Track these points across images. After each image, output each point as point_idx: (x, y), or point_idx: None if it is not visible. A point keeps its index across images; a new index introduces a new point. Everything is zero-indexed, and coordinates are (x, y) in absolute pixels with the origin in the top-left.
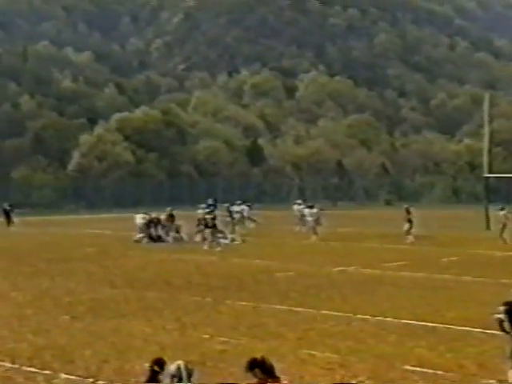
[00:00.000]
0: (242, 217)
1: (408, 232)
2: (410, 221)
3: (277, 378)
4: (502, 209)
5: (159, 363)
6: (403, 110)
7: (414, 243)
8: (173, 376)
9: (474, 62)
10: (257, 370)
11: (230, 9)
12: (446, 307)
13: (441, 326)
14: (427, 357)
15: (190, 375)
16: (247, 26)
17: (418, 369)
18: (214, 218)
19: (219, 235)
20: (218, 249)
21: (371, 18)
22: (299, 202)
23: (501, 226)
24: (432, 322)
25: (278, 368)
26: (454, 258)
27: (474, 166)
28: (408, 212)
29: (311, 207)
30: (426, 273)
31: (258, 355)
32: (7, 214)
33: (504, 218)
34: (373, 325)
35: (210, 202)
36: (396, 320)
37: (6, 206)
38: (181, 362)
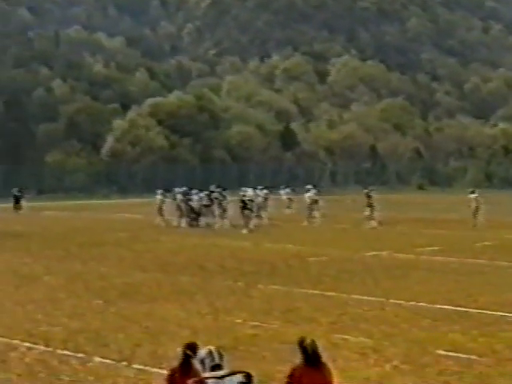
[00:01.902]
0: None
1: (370, 217)
2: (370, 205)
3: (320, 366)
4: (472, 192)
5: (192, 347)
6: (437, 95)
7: (376, 228)
8: (203, 360)
9: (508, 45)
10: (300, 350)
11: None
12: (480, 292)
13: (474, 310)
14: (461, 341)
15: (221, 359)
16: (276, 10)
17: (451, 353)
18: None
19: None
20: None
21: (401, 1)
22: (309, 187)
23: (473, 209)
24: (465, 307)
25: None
26: (488, 243)
27: (508, 150)
28: (368, 197)
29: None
30: (459, 257)
31: (309, 339)
32: (16, 199)
33: (475, 201)
34: (406, 309)
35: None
36: (429, 305)
37: (15, 191)
38: (212, 347)
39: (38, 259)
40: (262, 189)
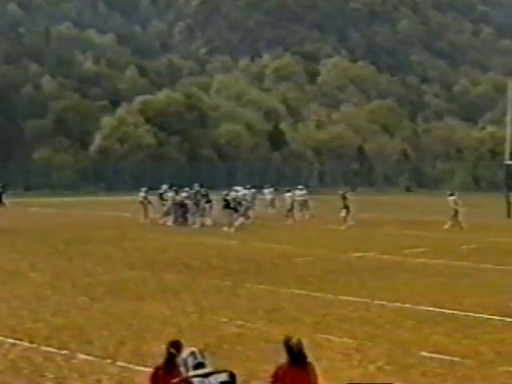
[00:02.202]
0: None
1: (345, 218)
2: (346, 207)
3: (304, 365)
4: (451, 194)
5: (176, 345)
6: (426, 96)
7: (352, 226)
8: (185, 361)
9: (497, 48)
10: (285, 349)
11: None
12: (465, 294)
13: (459, 312)
14: (444, 343)
15: (203, 358)
16: (267, 9)
17: (434, 355)
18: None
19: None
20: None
21: (392, 2)
22: (300, 187)
23: (452, 212)
24: (450, 309)
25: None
26: (474, 246)
27: (495, 154)
28: (344, 198)
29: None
30: (445, 260)
31: (294, 338)
32: None
33: (453, 203)
34: (391, 311)
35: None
36: (414, 306)
37: None
38: (194, 348)
39: (24, 255)
40: (249, 188)
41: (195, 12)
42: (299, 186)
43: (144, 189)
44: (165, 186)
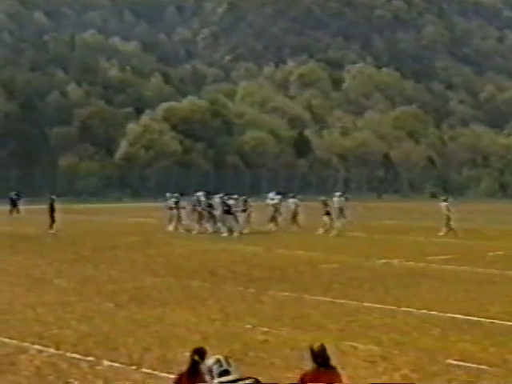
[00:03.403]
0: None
1: (331, 225)
2: (328, 213)
3: (329, 369)
4: (444, 200)
5: (200, 353)
6: (451, 103)
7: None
8: (210, 369)
9: None
10: (311, 359)
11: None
12: (491, 301)
13: (485, 320)
14: (471, 351)
15: (229, 366)
16: (292, 16)
17: (461, 363)
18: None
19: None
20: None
21: (417, 9)
22: (338, 194)
23: (445, 218)
24: (476, 317)
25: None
26: (500, 253)
27: None
28: (325, 205)
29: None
30: (471, 267)
31: (317, 344)
32: (13, 203)
33: (446, 209)
34: (417, 318)
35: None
36: (440, 314)
37: (12, 194)
38: (220, 356)
39: (49, 262)
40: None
41: (220, 19)
42: (336, 193)
43: (175, 195)
44: (200, 193)
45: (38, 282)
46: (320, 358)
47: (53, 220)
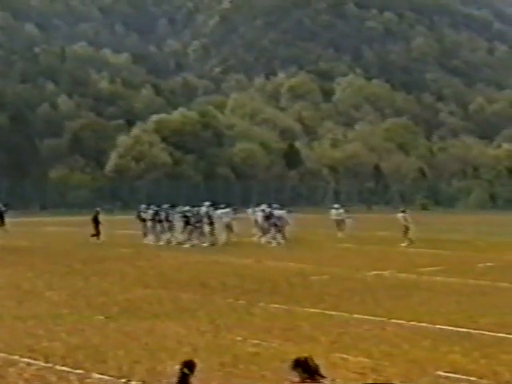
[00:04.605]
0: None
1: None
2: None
3: (318, 378)
4: (402, 211)
5: (189, 365)
6: (441, 114)
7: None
8: None
9: None
10: (299, 370)
11: (266, 12)
12: (482, 313)
13: (475, 331)
14: (461, 363)
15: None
16: (284, 28)
17: (451, 375)
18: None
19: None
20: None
21: (408, 21)
22: (336, 206)
23: (403, 228)
24: (467, 328)
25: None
26: (491, 264)
27: None
28: (209, 217)
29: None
30: (461, 278)
31: (302, 356)
32: (0, 215)
33: (403, 220)
34: (407, 329)
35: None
36: (430, 325)
37: (0, 205)
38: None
39: (40, 274)
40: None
41: (211, 31)
42: (335, 205)
43: (152, 207)
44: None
45: (29, 294)
46: (308, 368)
47: (98, 232)
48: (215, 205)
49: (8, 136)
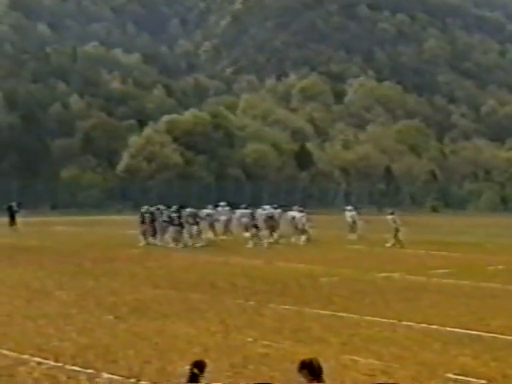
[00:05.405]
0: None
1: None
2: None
3: (322, 381)
4: (391, 213)
5: (199, 365)
6: (453, 117)
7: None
8: None
9: None
10: (305, 371)
11: (277, 13)
12: (492, 316)
13: (486, 334)
14: (471, 365)
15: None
16: (295, 30)
17: (461, 377)
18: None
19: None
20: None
21: (420, 23)
22: (349, 208)
23: (393, 230)
24: (477, 331)
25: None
26: (501, 267)
27: None
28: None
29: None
30: (471, 281)
31: (308, 357)
32: (12, 214)
33: (392, 221)
34: (417, 332)
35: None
36: (441, 328)
37: (14, 205)
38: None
39: (50, 274)
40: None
41: (223, 32)
42: (348, 207)
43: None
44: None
45: (39, 293)
46: (314, 370)
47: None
48: (284, 206)
49: (19, 136)
